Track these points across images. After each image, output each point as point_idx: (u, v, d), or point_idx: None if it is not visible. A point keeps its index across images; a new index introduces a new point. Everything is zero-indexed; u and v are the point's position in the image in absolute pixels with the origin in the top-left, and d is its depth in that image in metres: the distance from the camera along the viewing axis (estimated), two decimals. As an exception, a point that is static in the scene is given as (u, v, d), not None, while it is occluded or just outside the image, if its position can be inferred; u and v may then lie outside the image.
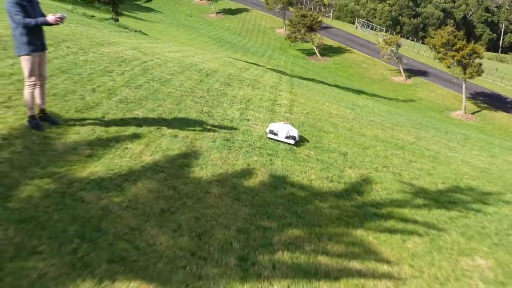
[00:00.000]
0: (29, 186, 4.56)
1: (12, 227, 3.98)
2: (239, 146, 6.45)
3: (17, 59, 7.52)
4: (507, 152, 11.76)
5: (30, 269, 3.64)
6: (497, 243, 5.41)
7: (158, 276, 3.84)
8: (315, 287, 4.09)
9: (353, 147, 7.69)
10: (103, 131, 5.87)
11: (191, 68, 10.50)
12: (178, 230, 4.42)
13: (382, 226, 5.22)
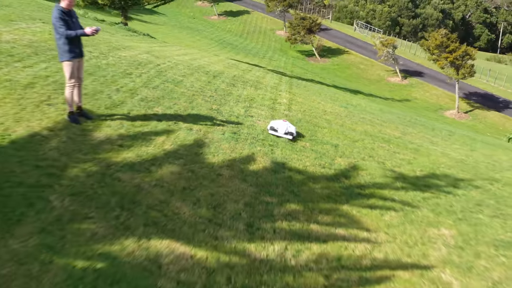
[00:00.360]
0: (76, 168, 5.57)
1: (67, 198, 4.99)
2: (245, 138, 7.45)
3: (51, 63, 8.56)
4: (487, 147, 12.75)
5: (84, 230, 4.65)
6: (461, 218, 6.41)
7: (183, 237, 4.84)
8: (307, 247, 5.09)
9: (344, 140, 8.69)
10: (130, 125, 6.88)
11: (199, 70, 11.50)
12: (197, 203, 5.42)
13: (364, 203, 6.23)
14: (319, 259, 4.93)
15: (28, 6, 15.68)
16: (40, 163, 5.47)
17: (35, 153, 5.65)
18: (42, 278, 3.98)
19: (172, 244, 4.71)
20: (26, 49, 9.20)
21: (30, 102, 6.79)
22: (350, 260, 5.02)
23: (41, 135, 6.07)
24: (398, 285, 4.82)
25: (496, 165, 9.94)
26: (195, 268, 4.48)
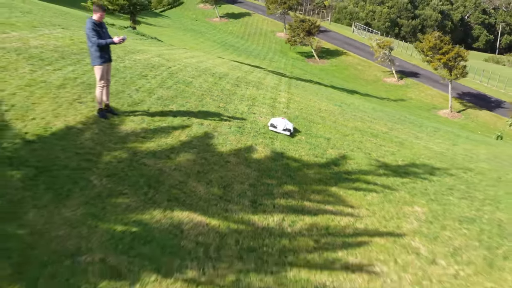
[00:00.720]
0: (108, 155, 6.62)
1: (104, 179, 6.04)
2: (248, 131, 8.49)
3: (76, 66, 9.61)
4: (470, 143, 13.78)
5: (120, 203, 5.70)
6: (433, 199, 7.45)
7: (200, 209, 5.89)
8: (301, 219, 6.14)
9: (336, 134, 9.73)
10: (150, 120, 7.93)
11: (206, 72, 12.53)
12: (209, 184, 6.47)
13: (350, 186, 7.27)
14: (310, 228, 5.97)
15: (46, 12, 16.71)
16: (79, 151, 6.52)
17: (73, 143, 6.71)
18: (91, 238, 5.04)
19: (191, 215, 5.76)
20: (54, 54, 10.25)
21: (64, 100, 7.84)
22: (336, 229, 6.07)
23: (77, 128, 7.12)
24: (375, 248, 5.87)
25: (473, 157, 10.98)
26: (210, 232, 5.53)
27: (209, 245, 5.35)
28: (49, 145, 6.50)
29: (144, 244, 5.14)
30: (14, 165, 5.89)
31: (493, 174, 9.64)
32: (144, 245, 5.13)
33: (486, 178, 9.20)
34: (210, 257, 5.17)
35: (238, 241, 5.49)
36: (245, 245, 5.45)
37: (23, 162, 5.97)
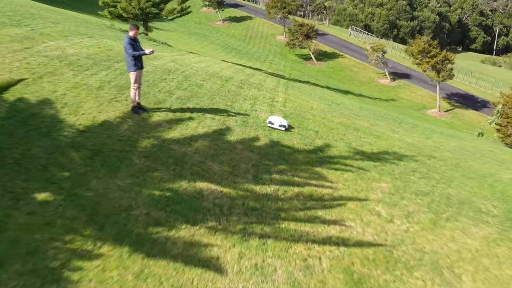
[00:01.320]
0: (143, 141, 8.44)
1: (142, 159, 7.87)
2: (251, 125, 10.30)
3: (108, 71, 11.42)
4: (443, 137, 15.58)
5: (156, 176, 7.52)
6: (397, 178, 9.27)
7: (215, 181, 7.70)
8: (291, 189, 7.95)
9: (323, 128, 11.54)
10: (172, 115, 9.75)
11: (214, 76, 14.34)
12: (222, 163, 8.29)
13: (331, 167, 9.09)
14: (298, 195, 7.80)
15: (71, 22, 18.50)
16: (121, 138, 8.35)
17: (116, 132, 8.54)
18: (138, 199, 6.88)
19: (209, 185, 7.59)
20: (88, 61, 12.06)
21: (104, 100, 9.66)
22: (318, 197, 7.89)
23: (117, 121, 8.94)
24: (347, 211, 7.70)
25: (440, 148, 12.79)
26: (223, 197, 7.36)
27: (223, 205, 7.18)
28: (98, 133, 8.33)
29: (176, 204, 6.98)
30: (75, 148, 7.73)
31: (453, 161, 11.46)
32: (176, 205, 6.96)
33: (446, 164, 11.03)
34: (224, 213, 7.01)
35: (244, 203, 7.33)
36: (249, 206, 7.28)
37: (81, 146, 7.81)
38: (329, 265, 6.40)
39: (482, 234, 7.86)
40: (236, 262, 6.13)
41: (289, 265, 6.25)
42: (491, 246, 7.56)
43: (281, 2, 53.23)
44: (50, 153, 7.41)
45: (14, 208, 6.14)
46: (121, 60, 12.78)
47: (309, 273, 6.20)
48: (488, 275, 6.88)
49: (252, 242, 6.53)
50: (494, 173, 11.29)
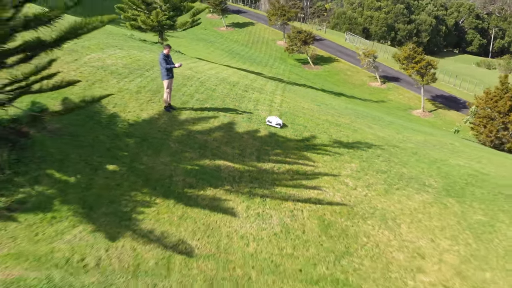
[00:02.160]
0: (175, 132, 11.22)
1: (176, 144, 10.65)
2: (254, 121, 13.08)
3: (142, 78, 14.17)
4: (413, 132, 18.32)
5: (187, 155, 10.32)
6: (364, 160, 12.04)
7: (228, 159, 10.48)
8: (284, 166, 10.73)
9: (311, 124, 14.29)
10: (194, 113, 12.52)
11: (224, 82, 17.11)
12: (233, 148, 11.07)
13: (314, 152, 11.86)
14: (288, 170, 10.58)
15: (100, 34, 21.28)
16: (159, 129, 11.14)
17: (155, 125, 11.32)
18: (176, 170, 9.66)
19: (225, 162, 10.37)
20: (125, 70, 14.83)
21: (143, 101, 12.44)
22: (302, 171, 10.67)
23: (154, 117, 11.73)
24: (323, 181, 10.47)
25: (405, 140, 15.56)
26: (235, 170, 10.13)
27: (235, 176, 9.96)
28: (142, 126, 11.12)
29: (202, 174, 9.76)
30: (128, 136, 10.52)
31: (413, 150, 14.23)
32: (202, 174, 9.75)
33: (406, 152, 13.80)
34: (236, 181, 9.79)
35: (250, 175, 10.11)
36: (253, 176, 10.07)
37: (132, 134, 10.60)
38: (308, 215, 9.18)
39: (421, 199, 10.64)
40: (244, 211, 8.92)
41: (280, 214, 9.03)
42: (426, 207, 10.34)
43: (281, 10, 55.98)
44: (112, 139, 10.21)
45: (94, 175, 8.94)
46: (149, 69, 15.57)
47: (294, 219, 8.98)
48: (420, 225, 9.65)
49: (255, 199, 9.31)
50: (445, 159, 14.06)
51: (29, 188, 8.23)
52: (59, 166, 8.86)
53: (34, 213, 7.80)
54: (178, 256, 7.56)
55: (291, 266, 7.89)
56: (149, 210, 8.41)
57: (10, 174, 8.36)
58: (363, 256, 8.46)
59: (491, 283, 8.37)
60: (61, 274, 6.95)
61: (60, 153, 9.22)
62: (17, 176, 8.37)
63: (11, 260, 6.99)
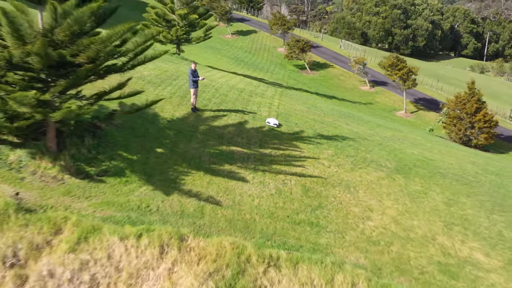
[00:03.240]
0: (201, 127, 15.03)
1: (202, 135, 14.47)
2: (257, 119, 16.85)
3: (171, 86, 17.98)
4: (383, 129, 22.04)
5: (210, 142, 14.13)
6: (338, 148, 15.81)
7: (239, 146, 14.28)
8: (279, 151, 14.51)
9: (301, 121, 18.03)
10: (213, 113, 16.31)
11: (233, 88, 20.88)
12: (242, 138, 14.86)
13: (302, 142, 15.63)
14: (282, 154, 14.37)
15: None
16: (189, 125, 14.94)
17: (186, 121, 15.12)
18: (203, 152, 13.50)
19: (236, 148, 14.15)
20: (157, 79, 18.63)
21: (175, 104, 16.23)
22: (292, 155, 14.46)
23: (185, 116, 15.52)
24: (307, 162, 14.24)
25: (374, 135, 19.30)
26: (244, 153, 13.92)
27: (244, 157, 13.74)
28: (176, 122, 14.92)
29: (221, 156, 13.54)
30: (168, 129, 14.32)
31: (379, 142, 17.97)
32: (221, 156, 13.52)
33: (373, 143, 17.55)
34: (245, 160, 13.57)
35: (254, 156, 13.89)
36: (257, 158, 13.85)
37: (171, 128, 14.40)
38: (294, 183, 12.96)
39: (376, 175, 14.40)
40: (251, 180, 12.70)
41: (275, 182, 12.82)
42: (379, 180, 14.10)
43: (281, 20, 59.75)
44: (157, 131, 14.01)
45: (148, 155, 12.74)
46: (175, 78, 19.37)
47: (285, 185, 12.77)
48: (372, 191, 13.41)
49: (258, 172, 13.09)
50: (403, 149, 17.81)
51: (108, 162, 12.06)
52: (125, 149, 12.68)
53: (114, 178, 11.62)
54: (208, 206, 11.35)
55: (282, 214, 11.67)
56: (187, 178, 12.20)
57: (95, 153, 12.20)
58: (330, 209, 12.23)
59: (416, 227, 12.14)
60: (135, 214, 10.73)
61: (124, 140, 13.04)
62: (99, 155, 12.20)
63: (104, 205, 10.77)
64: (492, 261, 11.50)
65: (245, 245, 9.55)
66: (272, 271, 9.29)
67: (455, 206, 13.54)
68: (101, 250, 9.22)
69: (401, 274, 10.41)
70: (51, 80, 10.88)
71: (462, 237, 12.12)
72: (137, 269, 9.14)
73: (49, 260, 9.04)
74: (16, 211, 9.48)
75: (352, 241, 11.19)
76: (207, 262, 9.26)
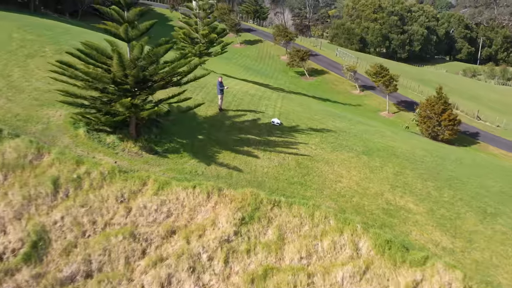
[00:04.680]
0: (226, 122, 20.48)
1: (227, 127, 19.92)
2: (266, 117, 22.22)
3: (201, 93, 23.51)
4: (360, 125, 27.34)
5: (233, 132, 19.59)
6: (322, 137, 21.19)
7: (253, 135, 19.71)
8: (281, 139, 19.93)
9: (297, 118, 23.38)
10: (234, 113, 21.74)
11: (246, 94, 26.27)
12: (256, 129, 20.29)
13: (297, 133, 21.03)
14: (283, 141, 19.79)
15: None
16: (218, 120, 20.37)
17: (216, 118, 20.57)
18: (229, 138, 18.98)
19: (251, 136, 19.57)
20: (191, 87, 24.02)
21: (207, 106, 21.66)
22: (289, 141, 19.89)
23: (214, 114, 20.96)
24: (300, 146, 19.66)
25: (351, 128, 24.63)
26: (256, 139, 19.36)
27: (256, 142, 19.15)
28: (209, 118, 20.38)
29: (241, 141, 18.97)
30: (204, 123, 19.78)
31: (354, 133, 23.30)
32: (241, 141, 18.95)
33: (348, 134, 22.88)
34: (257, 144, 18.99)
35: (264, 142, 19.30)
36: (265, 143, 19.26)
37: (206, 122, 19.87)
38: (291, 159, 18.36)
39: (348, 155, 19.75)
40: (261, 156, 18.10)
41: (278, 158, 18.22)
42: (350, 158, 19.45)
43: (284, 32, 65.04)
44: (197, 124, 19.45)
45: (194, 140, 18.20)
46: (203, 87, 24.81)
47: (284, 160, 18.17)
48: (344, 165, 18.77)
49: (266, 152, 18.49)
50: (372, 139, 23.13)
51: (168, 144, 17.54)
52: (178, 136, 18.15)
53: (173, 154, 17.09)
54: (234, 172, 16.77)
55: (282, 177, 17.06)
56: (219, 155, 17.63)
57: (159, 138, 17.70)
58: (314, 176, 17.61)
59: (371, 188, 17.50)
60: (189, 176, 16.13)
61: (177, 130, 18.51)
62: (162, 139, 17.69)
63: (168, 171, 16.20)
64: (419, 208, 16.88)
65: (259, 193, 15.05)
66: (275, 208, 14.78)
67: (401, 176, 18.90)
68: (172, 195, 14.76)
69: (357, 214, 15.80)
70: (137, 91, 16.38)
71: (401, 194, 17.50)
72: (194, 205, 14.66)
73: (142, 199, 14.58)
74: (119, 172, 15.02)
75: (327, 195, 16.60)
76: (236, 202, 14.77)
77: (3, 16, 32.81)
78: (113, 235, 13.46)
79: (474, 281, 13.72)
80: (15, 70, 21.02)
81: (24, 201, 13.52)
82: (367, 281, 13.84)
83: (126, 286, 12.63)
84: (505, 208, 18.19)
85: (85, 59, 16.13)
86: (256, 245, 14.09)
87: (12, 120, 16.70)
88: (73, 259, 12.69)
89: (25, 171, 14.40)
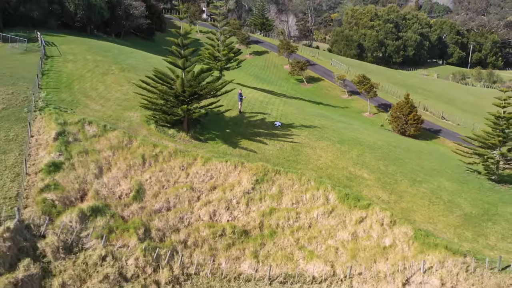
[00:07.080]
0: (244, 121, 27.89)
1: (245, 125, 27.35)
2: (271, 118, 29.54)
3: (226, 99, 31.01)
4: (340, 123, 34.52)
5: (248, 128, 27.04)
6: (310, 132, 28.52)
7: (263, 129, 27.10)
8: (281, 132, 27.30)
9: (292, 118, 30.59)
10: (249, 115, 29.12)
11: (257, 100, 33.56)
12: (264, 126, 27.65)
13: (292, 128, 28.37)
14: (282, 133, 27.17)
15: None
16: (239, 119, 27.86)
17: (237, 118, 28.02)
18: (246, 132, 26.48)
19: (262, 130, 26.94)
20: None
21: (231, 110, 29.03)
22: (287, 134, 27.27)
23: (236, 115, 28.39)
24: (294, 137, 27.01)
25: (332, 125, 31.86)
26: (265, 133, 26.75)
27: (265, 135, 26.53)
28: (232, 118, 27.83)
29: (254, 134, 26.37)
30: (229, 122, 27.21)
31: (333, 129, 30.54)
32: (254, 134, 26.35)
33: (329, 129, 30.14)
34: (266, 136, 26.38)
35: (270, 134, 26.66)
36: (270, 135, 26.62)
37: (230, 121, 27.30)
38: (287, 145, 25.73)
39: (327, 143, 27.06)
40: (269, 143, 25.50)
41: (279, 144, 25.61)
42: (328, 145, 26.76)
43: (287, 45, 72.16)
44: (225, 122, 26.90)
45: (224, 133, 25.68)
46: (226, 95, 32.18)
47: (283, 146, 25.55)
48: (323, 150, 26.09)
49: (271, 141, 25.87)
50: (346, 132, 30.35)
51: (208, 135, 25.05)
52: (213, 130, 25.62)
53: (211, 141, 24.61)
54: (250, 153, 24.19)
55: (282, 156, 24.42)
56: (241, 142, 25.02)
57: (202, 131, 25.19)
58: (303, 155, 24.94)
59: (340, 164, 24.81)
60: (222, 155, 23.59)
61: (212, 126, 25.96)
62: (203, 132, 25.21)
63: (209, 152, 23.74)
64: (370, 177, 24.21)
65: (267, 166, 22.51)
66: (277, 175, 22.24)
67: (361, 157, 26.18)
68: (213, 165, 22.27)
69: (329, 179, 23.13)
70: (189, 100, 23.84)
71: (360, 168, 24.81)
72: (226, 172, 22.15)
73: (195, 168, 22.11)
74: (179, 152, 22.53)
75: (311, 168, 23.95)
76: (252, 171, 22.22)
77: (72, 40, 40.56)
78: (180, 188, 20.95)
79: (397, 217, 21.02)
80: (99, 85, 28.57)
81: (127, 167, 21.07)
82: (333, 217, 21.22)
83: (190, 215, 20.11)
84: (430, 178, 25.43)
85: (156, 80, 23.64)
86: (265, 195, 21.51)
87: (109, 119, 24.23)
88: (159, 199, 20.22)
89: (124, 150, 21.95)
